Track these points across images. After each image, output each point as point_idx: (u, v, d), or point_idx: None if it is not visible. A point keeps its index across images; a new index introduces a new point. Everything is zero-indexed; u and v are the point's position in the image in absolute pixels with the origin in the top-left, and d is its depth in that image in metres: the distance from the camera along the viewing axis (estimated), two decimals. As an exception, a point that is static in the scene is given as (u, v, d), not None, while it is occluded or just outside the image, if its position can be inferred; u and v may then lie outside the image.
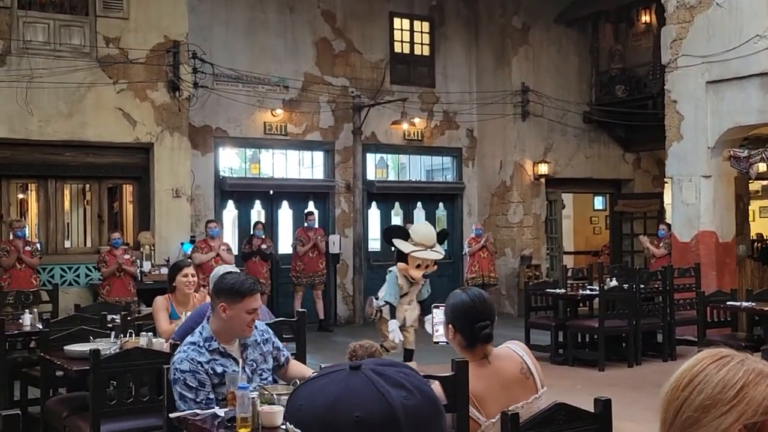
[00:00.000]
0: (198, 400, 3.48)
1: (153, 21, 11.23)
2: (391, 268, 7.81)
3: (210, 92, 12.19)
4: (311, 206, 13.20)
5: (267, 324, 4.16)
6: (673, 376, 1.33)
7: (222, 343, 3.66)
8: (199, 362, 3.55)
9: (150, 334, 5.14)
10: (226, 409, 3.27)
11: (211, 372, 3.56)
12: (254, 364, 3.75)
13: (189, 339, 3.71)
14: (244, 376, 3.48)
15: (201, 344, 3.63)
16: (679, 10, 10.67)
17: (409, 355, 8.00)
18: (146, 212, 11.53)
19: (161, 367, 3.71)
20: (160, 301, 5.69)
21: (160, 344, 4.94)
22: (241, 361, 3.68)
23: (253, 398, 3.09)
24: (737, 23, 10.00)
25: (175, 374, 3.52)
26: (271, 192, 13.41)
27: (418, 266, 7.53)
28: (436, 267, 7.80)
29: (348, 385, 1.04)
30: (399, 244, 7.56)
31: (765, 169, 10.13)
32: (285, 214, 13.58)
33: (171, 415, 3.39)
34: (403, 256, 7.56)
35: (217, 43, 12.48)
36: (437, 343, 3.51)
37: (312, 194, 13.58)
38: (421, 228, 8.00)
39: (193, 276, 5.82)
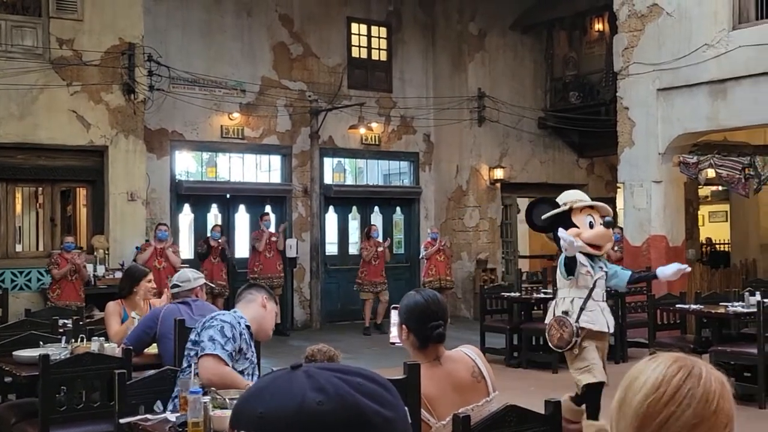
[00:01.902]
0: (226, 347, 3.68)
1: (108, 23, 11.11)
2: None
3: (166, 95, 12.09)
4: (268, 209, 13.16)
5: None
6: (645, 387, 1.31)
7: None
8: (238, 323, 3.84)
9: (102, 338, 5.09)
10: (178, 414, 3.27)
11: (243, 337, 3.83)
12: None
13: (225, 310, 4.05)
14: (198, 380, 3.47)
15: (237, 317, 3.89)
16: (631, 18, 10.88)
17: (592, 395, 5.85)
18: (100, 216, 11.39)
19: (113, 373, 3.69)
20: (112, 306, 5.63)
21: (112, 349, 4.90)
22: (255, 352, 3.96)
23: (204, 403, 3.08)
24: (686, 32, 10.23)
25: (212, 322, 3.76)
26: (228, 196, 13.34)
27: (591, 224, 5.60)
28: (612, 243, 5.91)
29: (272, 383, 1.02)
30: (552, 212, 5.69)
31: (713, 175, 10.38)
32: (242, 218, 13.52)
33: (122, 420, 3.37)
34: (559, 227, 5.55)
35: (173, 46, 12.38)
36: (393, 344, 3.54)
37: (269, 198, 13.54)
38: (571, 191, 6.15)
39: (152, 281, 5.85)
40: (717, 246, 16.18)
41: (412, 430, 3.01)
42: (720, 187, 13.91)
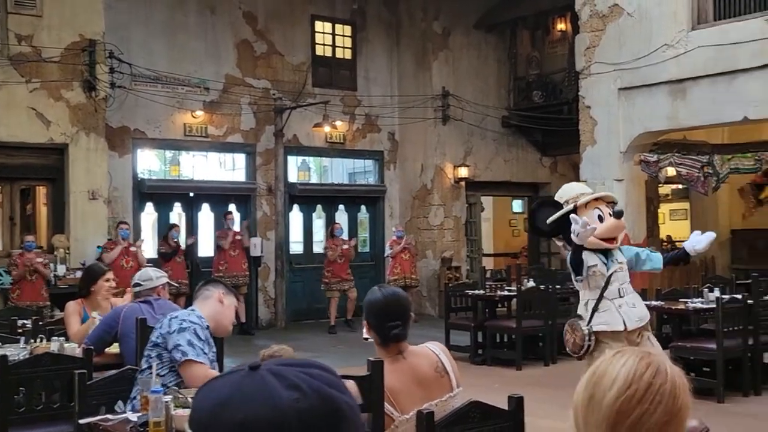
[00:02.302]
0: (206, 351, 3.67)
1: (68, 19, 10.96)
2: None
3: (128, 93, 11.96)
4: (232, 208, 13.08)
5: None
6: (616, 385, 1.32)
7: None
8: (201, 324, 3.78)
9: (62, 339, 5.02)
10: (139, 414, 3.24)
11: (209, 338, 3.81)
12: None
13: (189, 308, 3.96)
14: (159, 380, 3.44)
15: (198, 315, 3.83)
16: (592, 18, 10.99)
17: None
18: (61, 214, 11.23)
19: (73, 373, 3.64)
20: (72, 306, 5.56)
21: (72, 349, 4.84)
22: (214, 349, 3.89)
23: (166, 402, 3.06)
24: (646, 32, 10.36)
25: (183, 324, 3.71)
26: (192, 194, 13.24)
27: (600, 217, 5.28)
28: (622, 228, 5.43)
29: (239, 387, 0.99)
30: (556, 215, 5.42)
31: (673, 174, 10.53)
32: (206, 216, 13.42)
33: (81, 421, 3.33)
34: (568, 228, 5.29)
35: (135, 43, 12.25)
36: (366, 339, 3.54)
37: (233, 196, 13.46)
38: (569, 185, 5.94)
39: (114, 280, 5.79)
40: (677, 243, 16.41)
41: (376, 420, 3.03)
42: (680, 186, 14.12)
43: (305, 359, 1.07)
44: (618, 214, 5.23)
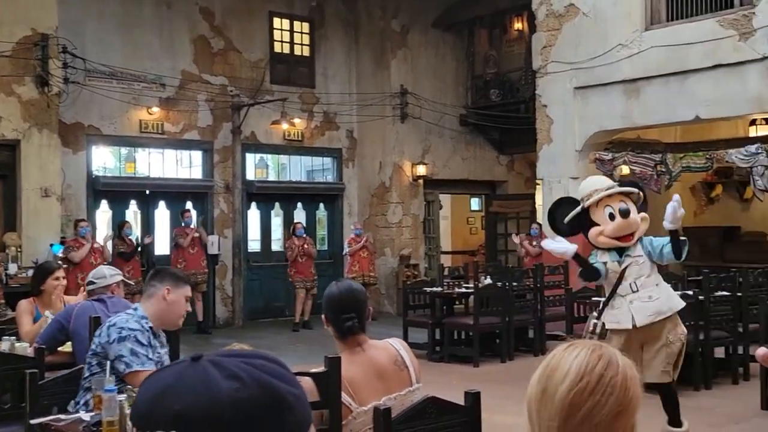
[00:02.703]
0: (150, 356, 3.59)
1: (20, 13, 10.74)
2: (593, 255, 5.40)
3: (82, 88, 11.77)
4: (189, 206, 12.96)
5: None
6: (568, 378, 1.33)
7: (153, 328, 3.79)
8: (142, 326, 3.68)
9: (13, 338, 4.93)
10: (93, 413, 3.19)
11: (150, 340, 3.70)
12: (161, 364, 3.76)
13: (126, 311, 3.84)
14: (112, 378, 3.40)
15: (137, 318, 3.72)
16: (549, 18, 11.11)
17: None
18: (12, 212, 11.01)
19: (24, 373, 3.58)
20: (24, 305, 5.47)
21: (24, 349, 4.75)
22: (166, 348, 3.82)
23: (120, 401, 3.02)
24: (602, 32, 10.50)
25: (122, 332, 3.59)
26: (148, 192, 13.08)
27: (611, 215, 5.21)
28: (635, 216, 5.27)
29: (178, 377, 0.98)
30: (570, 215, 5.39)
31: (627, 172, 10.68)
32: (162, 214, 13.27)
33: (33, 421, 3.27)
34: (585, 226, 5.33)
35: (89, 38, 12.06)
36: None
37: (190, 194, 13.34)
38: (587, 180, 5.82)
39: (64, 278, 5.68)
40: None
41: (334, 416, 3.03)
42: (634, 184, 14.34)
43: (253, 350, 1.06)
44: (624, 213, 5.15)
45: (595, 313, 5.44)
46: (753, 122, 11.55)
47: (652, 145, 11.52)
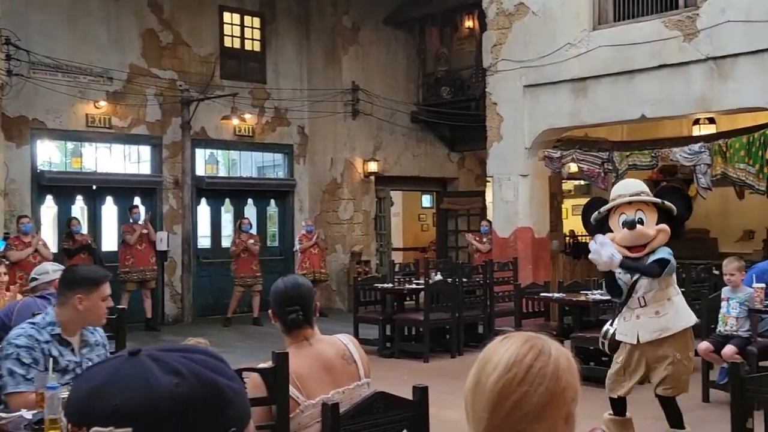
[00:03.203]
0: (29, 377, 3.42)
1: (-39, 3, 10.48)
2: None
3: (26, 81, 11.53)
4: (137, 202, 12.79)
5: None
6: (499, 368, 1.34)
7: (65, 333, 3.63)
8: (37, 340, 3.52)
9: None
10: (34, 411, 3.13)
11: (47, 353, 3.52)
12: (89, 362, 3.66)
13: (29, 320, 3.67)
14: (55, 375, 3.34)
15: (42, 326, 3.59)
16: (499, 16, 11.21)
17: (619, 407, 5.52)
18: (-47, 208, 10.75)
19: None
20: (-36, 301, 5.34)
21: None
22: (78, 354, 3.66)
23: (63, 399, 2.97)
24: (551, 31, 10.63)
25: (8, 350, 3.48)
26: (95, 187, 12.86)
27: (623, 224, 5.08)
28: (646, 230, 5.04)
29: (117, 372, 0.98)
30: (592, 218, 5.34)
31: (575, 170, 10.85)
32: (109, 210, 13.06)
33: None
34: (605, 232, 5.18)
35: (33, 30, 11.80)
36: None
37: (138, 190, 13.15)
38: (619, 183, 5.69)
39: (5, 275, 5.57)
40: (579, 237, 16.93)
41: (281, 411, 3.03)
42: (582, 182, 14.55)
43: (192, 345, 1.06)
44: (629, 224, 5.01)
45: (610, 319, 5.43)
46: (696, 122, 11.80)
47: (599, 143, 11.70)
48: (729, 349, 6.78)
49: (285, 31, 14.86)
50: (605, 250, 4.93)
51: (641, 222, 5.06)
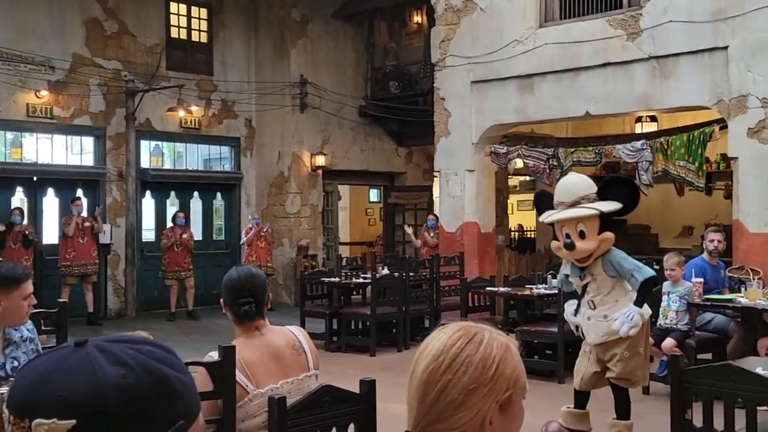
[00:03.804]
0: None
1: None
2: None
3: (-37, 69, 11.21)
4: (79, 194, 12.54)
5: None
6: (428, 357, 1.35)
7: None
8: None
9: None
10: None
11: None
12: (15, 361, 3.55)
13: None
14: (1, 373, 3.28)
15: None
16: (447, 12, 11.26)
17: (581, 400, 5.64)
18: None
19: None
20: None
21: None
22: (2, 354, 3.51)
23: (2, 394, 2.90)
24: (498, 28, 10.72)
25: None
26: (35, 179, 12.58)
27: (565, 246, 5.20)
28: (585, 245, 5.14)
29: (62, 363, 0.96)
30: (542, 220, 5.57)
31: (521, 165, 10.97)
32: (50, 202, 12.79)
33: None
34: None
35: (-28, 16, 11.48)
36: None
37: (81, 182, 12.90)
38: (560, 182, 5.73)
39: None
40: (526, 233, 17.15)
41: (228, 405, 3.01)
42: (528, 177, 14.72)
43: (139, 337, 1.05)
44: (568, 246, 5.13)
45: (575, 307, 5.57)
46: (639, 119, 12.03)
47: (545, 139, 11.85)
48: (668, 342, 6.95)
49: (232, 22, 14.71)
50: (625, 327, 5.14)
51: (582, 235, 5.15)
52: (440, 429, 1.32)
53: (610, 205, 5.16)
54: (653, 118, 11.86)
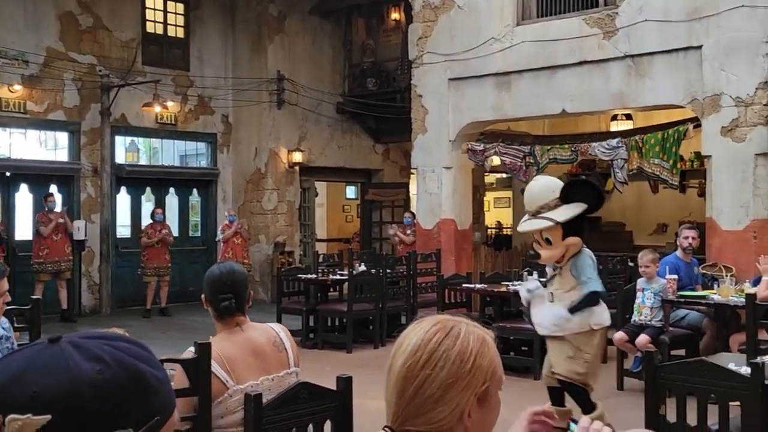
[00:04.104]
0: None
1: None
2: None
3: (-65, 62, 11.06)
4: (53, 189, 12.42)
5: None
6: (406, 352, 1.36)
7: None
8: None
9: None
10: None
11: None
12: None
13: None
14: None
15: None
16: (425, 9, 11.28)
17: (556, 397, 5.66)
18: None
19: None
20: None
21: None
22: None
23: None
24: (476, 25, 10.75)
25: None
26: (8, 174, 12.43)
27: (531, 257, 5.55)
28: (550, 252, 5.36)
29: (35, 359, 0.96)
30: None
31: (498, 163, 11.02)
32: (24, 198, 12.65)
33: None
34: None
35: (-57, 9, 11.32)
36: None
37: (55, 177, 12.77)
38: (526, 188, 5.80)
39: None
40: (502, 230, 17.23)
41: (204, 402, 3.00)
42: (504, 175, 14.78)
43: (114, 333, 1.05)
44: (533, 258, 5.43)
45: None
46: (614, 117, 12.13)
47: (521, 137, 11.90)
48: (642, 339, 7.02)
49: (209, 18, 14.62)
50: (547, 323, 5.41)
51: (549, 241, 5.29)
52: (420, 423, 1.33)
53: (569, 212, 5.23)
54: (628, 116, 11.96)
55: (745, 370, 3.84)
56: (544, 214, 5.24)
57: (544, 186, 5.44)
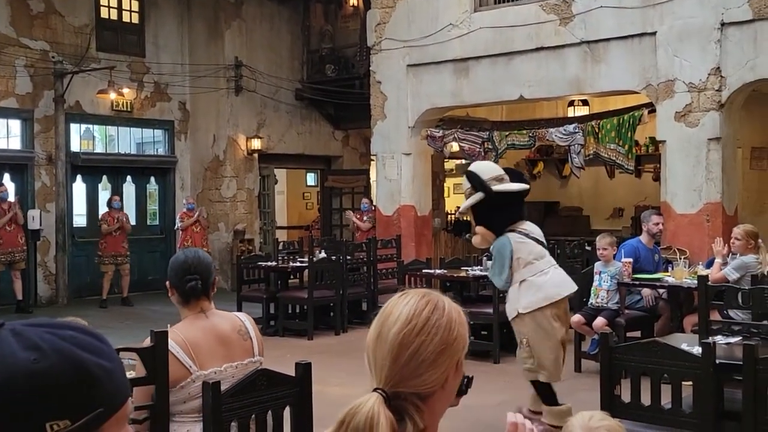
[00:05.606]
0: None
1: None
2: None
3: None
4: (6, 178, 12.18)
5: None
6: (399, 321, 1.47)
7: None
8: None
9: None
10: None
11: None
12: None
13: None
14: None
15: None
16: (383, -5, 11.25)
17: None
18: None
19: None
20: None
21: None
22: None
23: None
24: (434, 11, 10.76)
25: None
26: (-41, 163, 12.18)
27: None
28: (475, 238, 5.68)
29: None
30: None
31: (457, 149, 11.07)
32: (-25, 187, 12.39)
33: None
34: None
35: None
36: None
37: (8, 166, 12.52)
38: (474, 166, 5.84)
39: None
40: (463, 216, 17.33)
41: (160, 395, 2.98)
42: (463, 161, 14.84)
43: (63, 321, 1.03)
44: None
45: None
46: (571, 103, 12.25)
47: (480, 122, 11.97)
48: (599, 321, 7.13)
49: (165, 3, 14.41)
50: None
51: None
52: (411, 385, 1.45)
53: (467, 202, 5.52)
54: (585, 102, 12.08)
55: (697, 350, 3.92)
56: (463, 203, 5.59)
57: (470, 172, 5.60)
